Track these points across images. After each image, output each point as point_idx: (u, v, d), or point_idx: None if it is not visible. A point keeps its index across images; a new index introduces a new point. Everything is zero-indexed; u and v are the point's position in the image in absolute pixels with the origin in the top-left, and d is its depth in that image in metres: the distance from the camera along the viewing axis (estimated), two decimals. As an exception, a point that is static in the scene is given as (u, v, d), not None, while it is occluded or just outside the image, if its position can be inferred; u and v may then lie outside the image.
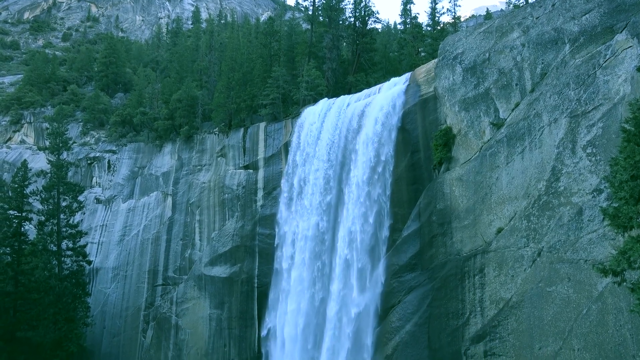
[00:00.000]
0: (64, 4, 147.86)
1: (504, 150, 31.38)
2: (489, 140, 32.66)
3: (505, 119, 32.06)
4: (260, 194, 50.33)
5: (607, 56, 27.34)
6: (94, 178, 65.99)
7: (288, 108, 51.98)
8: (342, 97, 46.55)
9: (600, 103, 27.06)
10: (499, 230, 30.84)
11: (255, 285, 48.03)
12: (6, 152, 74.22)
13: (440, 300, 33.41)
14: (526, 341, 28.16)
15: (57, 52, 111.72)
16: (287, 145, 48.49)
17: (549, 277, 27.66)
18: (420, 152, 38.18)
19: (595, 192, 26.35)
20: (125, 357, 55.33)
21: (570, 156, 27.76)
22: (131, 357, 54.93)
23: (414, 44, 58.83)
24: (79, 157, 66.68)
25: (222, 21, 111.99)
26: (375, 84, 47.48)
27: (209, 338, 50.06)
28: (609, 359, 24.65)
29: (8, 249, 50.30)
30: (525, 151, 30.13)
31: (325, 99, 48.32)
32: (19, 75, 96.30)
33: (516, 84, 31.89)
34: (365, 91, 45.05)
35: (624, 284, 20.34)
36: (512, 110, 31.79)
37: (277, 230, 46.56)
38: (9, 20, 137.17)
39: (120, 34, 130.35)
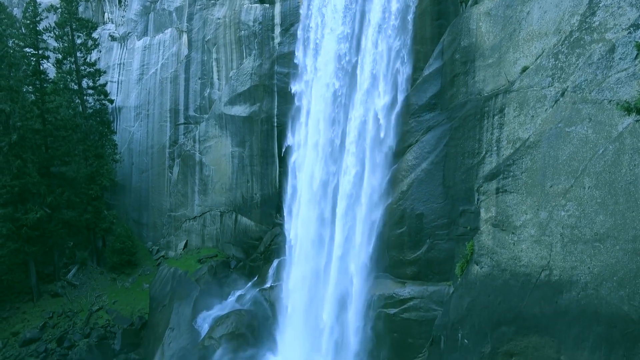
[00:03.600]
0: None
1: (540, -20, 28.83)
2: (523, -31, 29.87)
3: (545, -56, 28.90)
4: (277, 30, 48.44)
5: None
6: (106, 14, 63.82)
7: None
8: None
9: None
10: (524, 69, 29.74)
11: (275, 124, 48.73)
12: (12, -14, 71.21)
13: (457, 139, 33.71)
14: (538, 179, 28.82)
15: None
16: (304, -23, 45.27)
17: (569, 118, 27.29)
18: (447, -17, 35.47)
19: (632, 27, 24.62)
20: (154, 191, 58.99)
21: (611, -13, 25.46)
22: (160, 190, 58.54)
23: None
24: (87, -9, 63.86)
25: None
26: None
27: (232, 174, 52.48)
28: (617, 196, 25.33)
29: (30, 87, 50.95)
30: (563, -19, 27.63)
31: None
32: None
33: None
34: None
35: (646, 124, 20.00)
36: None
37: (297, 64, 45.63)
38: None
39: None
